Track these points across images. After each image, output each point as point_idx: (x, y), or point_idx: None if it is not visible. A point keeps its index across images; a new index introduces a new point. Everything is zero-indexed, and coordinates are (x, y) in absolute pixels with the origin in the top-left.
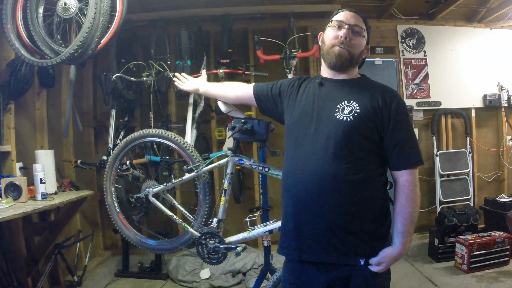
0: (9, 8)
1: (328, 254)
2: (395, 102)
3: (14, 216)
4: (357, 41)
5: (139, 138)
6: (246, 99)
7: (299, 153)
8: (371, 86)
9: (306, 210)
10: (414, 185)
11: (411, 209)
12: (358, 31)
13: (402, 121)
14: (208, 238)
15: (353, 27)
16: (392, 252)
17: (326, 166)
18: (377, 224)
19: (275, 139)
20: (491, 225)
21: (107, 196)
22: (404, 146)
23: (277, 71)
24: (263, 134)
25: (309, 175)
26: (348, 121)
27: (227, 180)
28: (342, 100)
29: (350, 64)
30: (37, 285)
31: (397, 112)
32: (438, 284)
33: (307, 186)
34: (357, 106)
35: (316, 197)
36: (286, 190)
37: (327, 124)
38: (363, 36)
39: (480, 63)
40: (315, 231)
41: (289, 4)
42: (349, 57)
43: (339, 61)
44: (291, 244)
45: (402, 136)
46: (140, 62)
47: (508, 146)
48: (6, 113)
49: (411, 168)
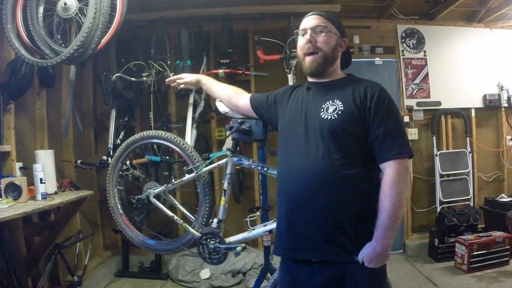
0: (9, 8)
1: (322, 252)
2: (376, 95)
3: (14, 216)
4: (323, 38)
5: (140, 140)
6: (245, 110)
7: (290, 154)
8: (354, 83)
9: (298, 209)
10: (396, 177)
11: (390, 203)
12: (320, 30)
13: (384, 113)
14: (209, 239)
15: (315, 28)
16: (369, 247)
17: (316, 164)
18: (369, 221)
19: (275, 139)
20: (491, 225)
21: (110, 198)
22: (386, 138)
23: (277, 71)
24: (261, 134)
25: (300, 174)
26: (332, 119)
27: (227, 180)
28: (326, 100)
29: (326, 64)
30: (37, 285)
31: (378, 105)
32: (438, 284)
33: (298, 185)
34: (341, 104)
35: (308, 195)
36: (278, 191)
37: (314, 124)
38: (329, 31)
39: (480, 63)
40: (308, 229)
41: (289, 4)
42: (321, 60)
43: (314, 69)
44: (286, 244)
45: (384, 128)
46: (140, 62)
47: (508, 146)
48: (6, 113)
49: (394, 159)
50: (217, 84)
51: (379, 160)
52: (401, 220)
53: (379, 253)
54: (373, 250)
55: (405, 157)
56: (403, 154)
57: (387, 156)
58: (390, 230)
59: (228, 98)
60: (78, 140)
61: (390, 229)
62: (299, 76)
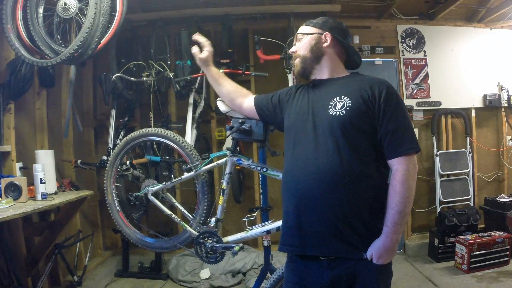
0: (9, 8)
1: (331, 248)
2: (384, 92)
3: (14, 216)
4: (300, 44)
5: (139, 137)
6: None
7: (298, 151)
8: (361, 80)
9: (307, 206)
10: (406, 173)
11: (401, 199)
12: (299, 37)
13: (392, 110)
14: (206, 238)
15: (298, 39)
16: (378, 243)
17: (326, 161)
18: (378, 217)
19: (275, 139)
20: (491, 225)
21: (108, 195)
22: (394, 135)
23: (277, 71)
24: (261, 134)
25: (310, 171)
26: (341, 115)
27: (226, 180)
28: (334, 97)
29: (308, 65)
30: (37, 285)
31: (386, 102)
32: (438, 284)
33: (308, 182)
34: (349, 101)
35: (318, 192)
36: (286, 188)
37: (322, 121)
38: (306, 35)
39: (480, 63)
40: (318, 226)
41: (289, 4)
42: (299, 63)
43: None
44: (294, 241)
45: (393, 126)
46: (140, 62)
47: (508, 146)
48: (6, 113)
49: (401, 156)
50: (224, 80)
51: (388, 156)
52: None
53: (389, 248)
54: (383, 245)
55: (413, 153)
56: (411, 150)
57: (397, 153)
58: (399, 226)
59: (232, 98)
60: (78, 140)
61: (400, 224)
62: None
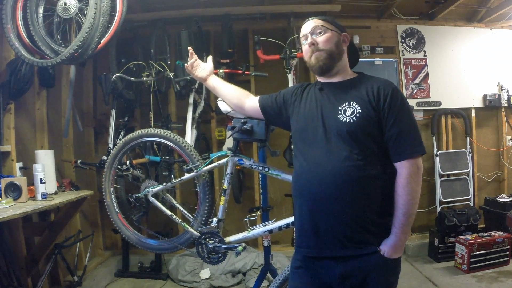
0: (9, 8)
1: (346, 249)
2: (389, 95)
3: (14, 216)
4: (323, 38)
5: (138, 138)
6: (251, 112)
7: (310, 155)
8: (367, 82)
9: (322, 209)
10: (408, 177)
11: (404, 201)
12: (320, 31)
13: (396, 114)
14: (208, 238)
15: (314, 30)
16: (387, 241)
17: (339, 165)
18: (389, 216)
19: (275, 139)
20: (491, 225)
21: (106, 196)
22: (399, 138)
23: (277, 71)
24: (263, 134)
25: (324, 176)
26: (352, 122)
27: (227, 180)
28: (343, 102)
29: (333, 61)
30: (37, 285)
31: (390, 106)
32: (438, 284)
33: (322, 186)
34: (358, 106)
35: (332, 195)
36: (299, 192)
37: (332, 126)
38: (329, 30)
39: (480, 63)
40: (332, 227)
41: (289, 4)
42: (326, 55)
43: (321, 62)
44: (310, 243)
45: (398, 129)
46: (140, 62)
47: (508, 146)
48: (6, 113)
49: (406, 159)
50: (222, 85)
51: (393, 159)
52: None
53: (398, 246)
54: (393, 243)
55: (417, 156)
56: (415, 153)
57: (401, 156)
58: (406, 226)
59: (234, 100)
60: (78, 140)
61: (406, 225)
62: (299, 76)
